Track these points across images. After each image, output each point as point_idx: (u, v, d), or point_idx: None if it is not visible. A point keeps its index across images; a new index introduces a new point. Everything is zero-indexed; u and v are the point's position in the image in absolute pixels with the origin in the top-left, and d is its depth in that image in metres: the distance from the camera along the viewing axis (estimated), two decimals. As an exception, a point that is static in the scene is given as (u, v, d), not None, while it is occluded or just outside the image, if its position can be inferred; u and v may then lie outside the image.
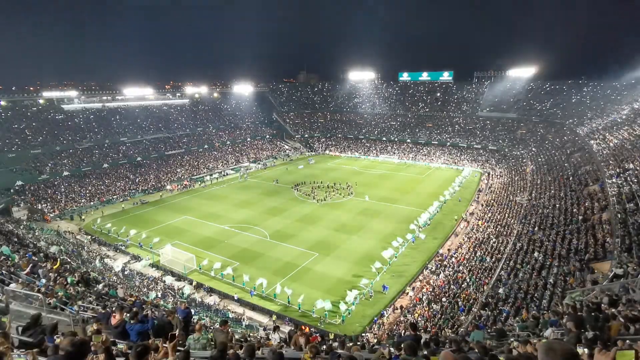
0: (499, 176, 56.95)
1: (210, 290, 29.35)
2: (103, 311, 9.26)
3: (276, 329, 12.56)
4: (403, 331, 20.49)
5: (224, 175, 65.94)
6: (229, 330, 8.65)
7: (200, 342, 6.33)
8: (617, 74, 69.86)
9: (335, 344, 9.62)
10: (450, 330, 18.98)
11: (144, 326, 6.99)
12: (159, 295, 26.35)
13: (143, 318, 7.59)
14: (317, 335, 16.87)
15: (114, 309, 8.91)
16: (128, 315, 7.55)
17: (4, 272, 12.01)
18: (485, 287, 24.18)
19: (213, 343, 6.69)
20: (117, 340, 6.21)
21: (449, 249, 34.59)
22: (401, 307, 26.06)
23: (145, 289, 27.52)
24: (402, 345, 5.57)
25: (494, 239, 32.20)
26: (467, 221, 41.10)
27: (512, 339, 9.50)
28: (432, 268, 31.30)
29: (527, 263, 24.12)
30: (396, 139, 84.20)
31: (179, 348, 4.79)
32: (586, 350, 4.22)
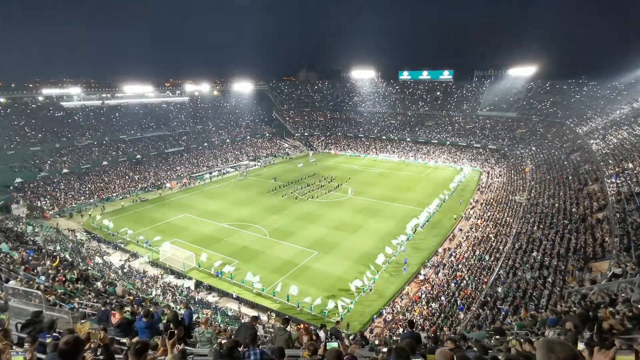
0: (498, 175, 56.96)
1: (210, 288, 29.38)
2: (103, 308, 9.27)
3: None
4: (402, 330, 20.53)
5: (223, 173, 65.89)
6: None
7: (205, 335, 6.40)
8: (617, 74, 69.77)
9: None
10: (448, 329, 19.03)
11: (155, 316, 7.08)
12: (159, 293, 26.40)
13: (148, 312, 7.68)
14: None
15: (113, 306, 8.92)
16: (141, 312, 7.57)
17: (3, 269, 12.01)
18: (484, 286, 24.24)
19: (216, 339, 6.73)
20: (117, 338, 6.21)
21: (448, 248, 34.61)
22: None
23: (145, 287, 27.53)
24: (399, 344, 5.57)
25: (493, 238, 32.24)
26: (469, 217, 41.13)
27: (510, 338, 9.52)
28: (431, 267, 31.32)
29: (526, 262, 24.16)
30: (396, 138, 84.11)
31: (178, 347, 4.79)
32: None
